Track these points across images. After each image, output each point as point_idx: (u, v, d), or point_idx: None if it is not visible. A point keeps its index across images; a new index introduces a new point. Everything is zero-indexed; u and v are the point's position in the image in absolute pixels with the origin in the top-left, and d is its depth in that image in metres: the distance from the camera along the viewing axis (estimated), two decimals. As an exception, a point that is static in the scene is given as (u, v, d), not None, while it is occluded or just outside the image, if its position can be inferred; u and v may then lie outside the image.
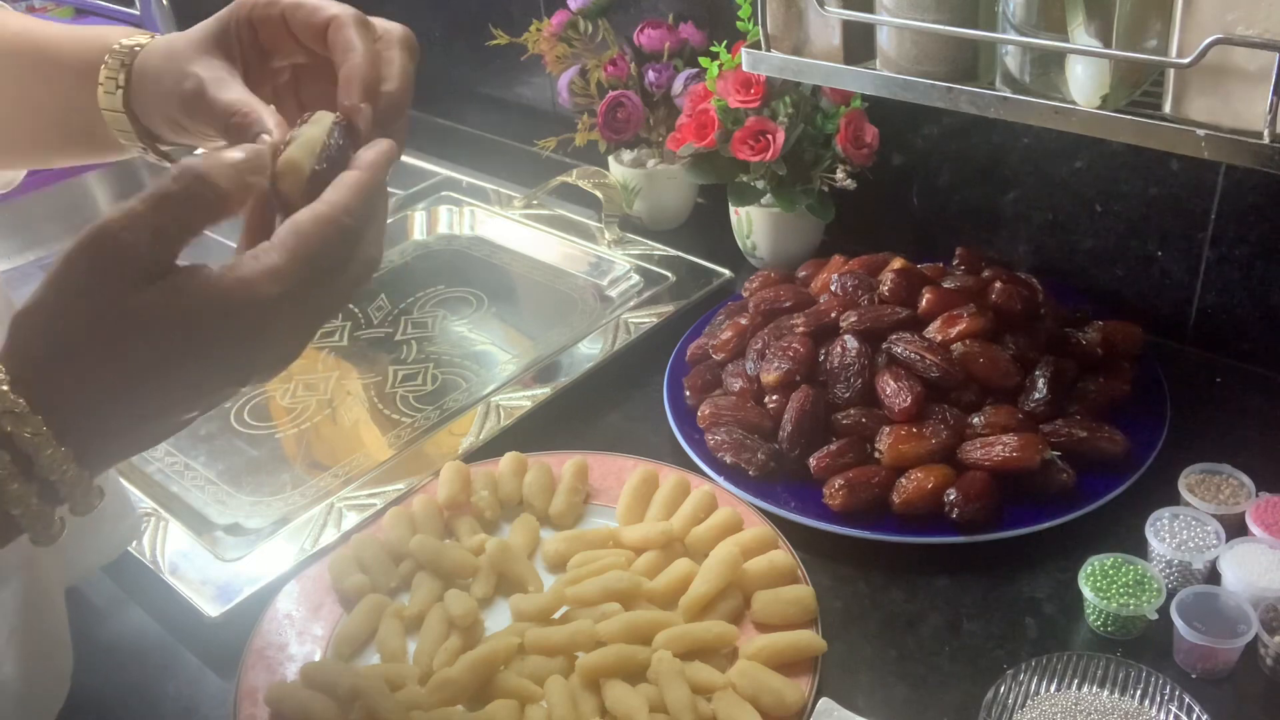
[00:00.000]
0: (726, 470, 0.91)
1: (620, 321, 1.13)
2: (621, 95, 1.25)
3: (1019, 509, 0.85)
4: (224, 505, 0.96)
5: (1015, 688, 0.73)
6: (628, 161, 1.30)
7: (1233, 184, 0.98)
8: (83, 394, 0.47)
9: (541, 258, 1.31)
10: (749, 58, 0.88)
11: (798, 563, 0.82)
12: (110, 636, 0.85)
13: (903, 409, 0.88)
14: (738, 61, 1.07)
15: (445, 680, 0.74)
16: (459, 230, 1.39)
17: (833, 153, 1.12)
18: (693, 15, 1.27)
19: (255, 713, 0.75)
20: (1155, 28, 0.69)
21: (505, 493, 0.91)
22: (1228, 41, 0.64)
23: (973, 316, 0.93)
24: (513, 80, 1.57)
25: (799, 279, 1.10)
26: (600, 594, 0.79)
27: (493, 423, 1.00)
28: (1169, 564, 0.80)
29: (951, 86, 0.78)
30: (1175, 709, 0.70)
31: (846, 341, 0.93)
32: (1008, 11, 0.74)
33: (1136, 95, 0.73)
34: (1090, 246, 1.09)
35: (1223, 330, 1.04)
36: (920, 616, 0.81)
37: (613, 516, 0.90)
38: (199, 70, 0.61)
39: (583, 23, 1.29)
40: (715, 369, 1.02)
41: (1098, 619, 0.78)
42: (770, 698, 0.72)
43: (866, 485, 0.86)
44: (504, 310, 1.23)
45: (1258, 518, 0.81)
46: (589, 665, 0.74)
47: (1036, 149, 1.09)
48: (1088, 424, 0.89)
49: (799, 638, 0.76)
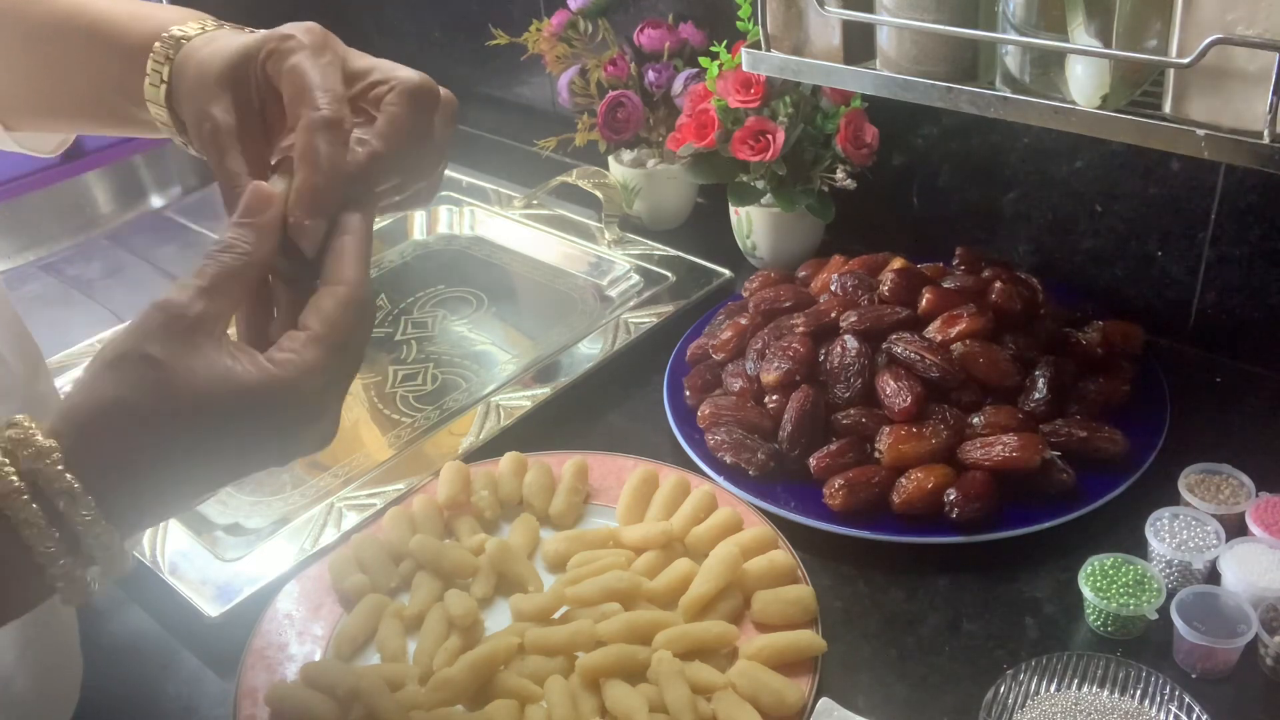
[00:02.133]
0: (726, 470, 0.91)
1: (620, 321, 1.13)
2: (621, 95, 1.25)
3: (1019, 509, 0.85)
4: (224, 505, 0.95)
5: (1015, 688, 0.73)
6: (628, 161, 1.30)
7: (1233, 184, 0.98)
8: (129, 477, 0.48)
9: (541, 258, 1.31)
10: (749, 58, 0.88)
11: (798, 563, 0.82)
12: (110, 637, 0.85)
13: (903, 409, 0.88)
14: (738, 61, 1.07)
15: (445, 680, 0.74)
16: (459, 230, 1.39)
17: (833, 153, 1.12)
18: (693, 15, 1.27)
19: (255, 713, 0.75)
20: (1155, 28, 0.69)
21: (505, 493, 0.91)
22: (1228, 41, 0.64)
23: (973, 316, 0.93)
24: (513, 80, 1.57)
25: (799, 279, 1.10)
26: (600, 594, 0.79)
27: (493, 423, 1.00)
28: (1169, 564, 0.80)
29: (951, 86, 0.78)
30: (1175, 709, 0.70)
31: (846, 341, 0.93)
32: (1008, 11, 0.74)
33: (1136, 95, 0.73)
34: (1090, 246, 1.09)
35: (1223, 330, 1.04)
36: (920, 616, 0.81)
37: (613, 516, 0.90)
38: (216, 114, 0.59)
39: (583, 23, 1.30)
40: (715, 369, 1.02)
41: (1098, 619, 0.78)
42: (770, 698, 0.72)
43: (866, 485, 0.86)
44: (504, 310, 1.23)
45: (1258, 518, 0.81)
46: (589, 665, 0.74)
47: (1036, 149, 1.09)
48: (1088, 424, 0.89)
49: (799, 638, 0.76)
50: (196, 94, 0.61)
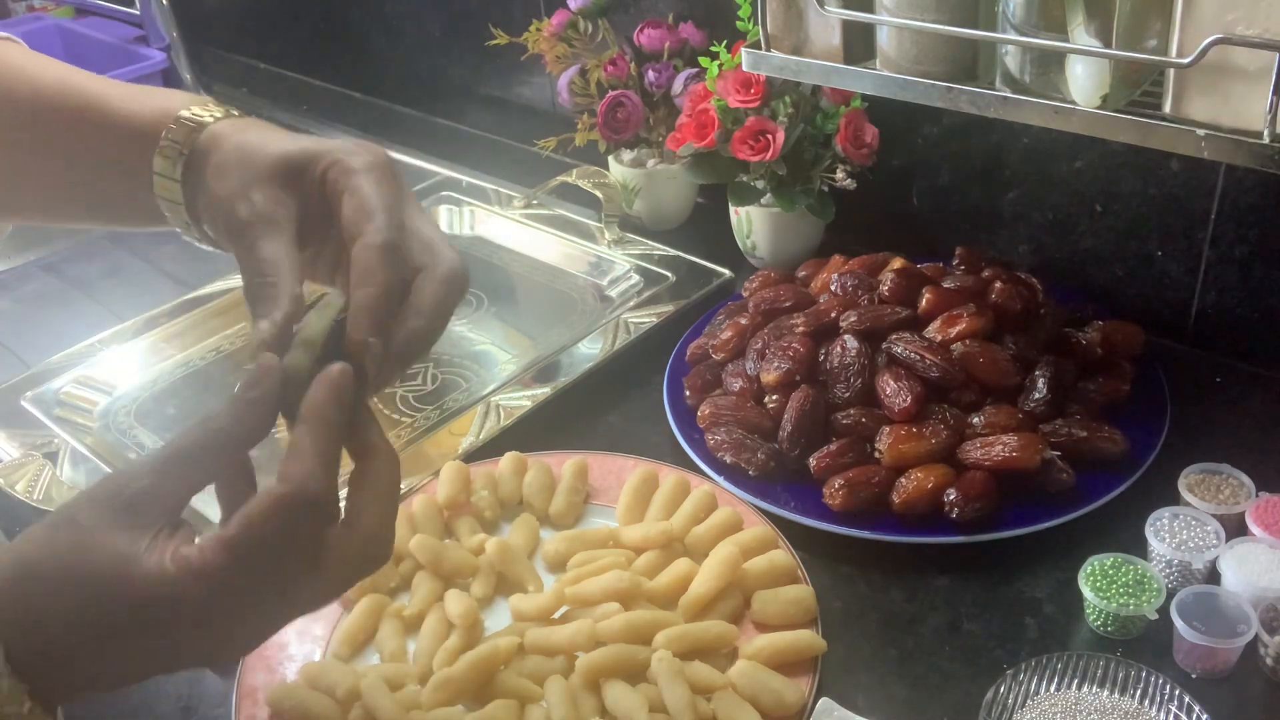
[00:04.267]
0: (726, 470, 0.91)
1: (620, 321, 1.13)
2: (621, 95, 1.25)
3: (1019, 509, 0.85)
4: (224, 505, 0.95)
5: (1015, 688, 0.73)
6: (628, 161, 1.30)
7: (1233, 184, 0.98)
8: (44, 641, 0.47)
9: (541, 258, 1.31)
10: (749, 58, 0.88)
11: (798, 563, 0.82)
12: (110, 636, 0.85)
13: (903, 409, 0.88)
14: (738, 61, 1.07)
15: (445, 680, 0.74)
16: (459, 230, 1.39)
17: (833, 153, 1.12)
18: (693, 15, 1.27)
19: (255, 713, 0.75)
20: (1155, 27, 0.69)
21: (505, 493, 0.91)
22: (1228, 41, 0.64)
23: (973, 316, 0.93)
24: (513, 80, 1.57)
25: (799, 279, 1.10)
26: (600, 594, 0.79)
27: (493, 423, 1.00)
28: (1169, 564, 0.80)
29: (951, 86, 0.78)
30: (1175, 709, 0.70)
31: (846, 341, 0.93)
32: (1008, 11, 0.74)
33: (1136, 95, 0.73)
34: (1090, 246, 1.09)
35: (1223, 330, 1.04)
36: (920, 616, 0.81)
37: (613, 516, 0.90)
38: (261, 201, 0.58)
39: (583, 22, 1.29)
40: (715, 369, 1.02)
41: (1098, 619, 0.78)
42: (770, 698, 0.72)
43: (866, 485, 0.86)
44: (504, 310, 1.23)
45: (1258, 518, 0.81)
46: (589, 665, 0.74)
47: (1036, 149, 1.09)
48: (1088, 424, 0.89)
49: (799, 638, 0.76)
50: (234, 176, 0.59)
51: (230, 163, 0.60)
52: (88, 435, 1.05)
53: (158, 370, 1.15)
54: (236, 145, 0.60)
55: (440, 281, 0.58)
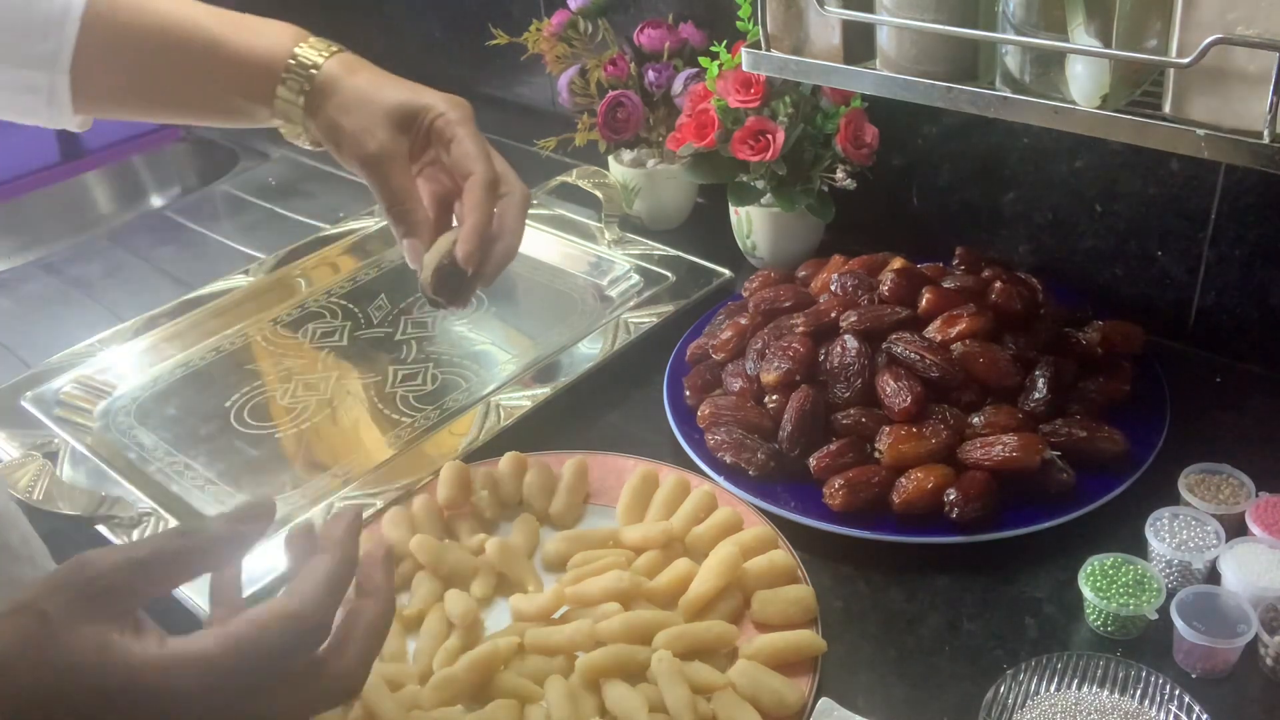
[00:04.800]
0: (726, 470, 0.91)
1: (620, 321, 1.13)
2: (621, 95, 1.25)
3: (1019, 509, 0.85)
4: (224, 505, 0.95)
5: (1015, 688, 0.73)
6: (628, 161, 1.30)
7: (1233, 184, 0.98)
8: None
9: (541, 258, 1.30)
10: (749, 57, 0.88)
11: (798, 563, 0.82)
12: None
13: (903, 409, 0.88)
14: (738, 61, 1.07)
15: (445, 680, 0.74)
16: (459, 230, 1.39)
17: (833, 153, 1.12)
18: (693, 15, 1.28)
19: (255, 713, 0.75)
20: (1155, 28, 0.69)
21: (505, 493, 0.91)
22: (1228, 41, 0.64)
23: (973, 316, 0.93)
24: (513, 80, 1.57)
25: (799, 279, 1.10)
26: (600, 594, 0.79)
27: (493, 423, 1.00)
28: (1169, 564, 0.80)
29: (951, 86, 0.78)
30: (1175, 709, 0.71)
31: (846, 341, 0.93)
32: (1008, 11, 0.74)
33: (1136, 95, 0.73)
34: (1090, 246, 1.09)
35: (1223, 330, 1.04)
36: (920, 616, 0.81)
37: (613, 516, 0.90)
38: (385, 139, 0.75)
39: (583, 22, 1.30)
40: (715, 369, 1.02)
41: (1098, 619, 0.78)
42: (770, 698, 0.72)
43: (866, 485, 0.86)
44: (504, 310, 1.23)
45: (1258, 518, 0.81)
46: (589, 665, 0.74)
47: (1036, 149, 1.09)
48: (1088, 424, 0.89)
49: (799, 638, 0.76)
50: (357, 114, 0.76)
51: (351, 103, 0.76)
52: (88, 435, 1.05)
53: (158, 370, 1.15)
54: (353, 87, 0.76)
55: (519, 206, 0.78)
